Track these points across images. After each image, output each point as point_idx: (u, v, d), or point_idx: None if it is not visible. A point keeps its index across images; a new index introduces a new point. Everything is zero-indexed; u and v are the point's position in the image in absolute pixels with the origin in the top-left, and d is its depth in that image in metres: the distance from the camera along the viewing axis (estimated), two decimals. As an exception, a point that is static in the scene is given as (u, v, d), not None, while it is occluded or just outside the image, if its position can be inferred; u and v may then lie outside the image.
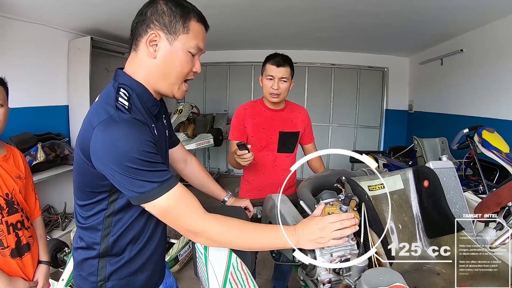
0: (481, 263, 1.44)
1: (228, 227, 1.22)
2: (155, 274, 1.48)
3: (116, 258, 1.33)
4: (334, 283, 1.41)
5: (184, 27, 1.26)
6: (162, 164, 1.17)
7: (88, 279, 1.35)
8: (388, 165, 4.69)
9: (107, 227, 1.29)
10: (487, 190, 3.10)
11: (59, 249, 3.36)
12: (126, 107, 1.17)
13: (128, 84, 1.27)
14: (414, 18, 4.46)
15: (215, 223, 1.21)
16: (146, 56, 1.25)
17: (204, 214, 1.21)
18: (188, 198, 1.19)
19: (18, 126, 4.33)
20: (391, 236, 1.61)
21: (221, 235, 1.21)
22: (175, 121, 6.09)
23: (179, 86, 1.36)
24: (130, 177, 1.11)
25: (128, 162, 1.09)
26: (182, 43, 1.27)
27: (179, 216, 1.19)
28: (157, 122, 1.36)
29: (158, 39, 1.23)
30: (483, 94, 4.79)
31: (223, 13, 4.69)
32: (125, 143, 1.09)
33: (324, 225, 1.26)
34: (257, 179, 2.65)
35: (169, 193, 1.15)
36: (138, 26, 1.25)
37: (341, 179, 1.56)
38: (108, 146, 1.11)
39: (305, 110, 2.75)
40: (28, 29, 4.52)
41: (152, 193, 1.13)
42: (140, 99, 1.27)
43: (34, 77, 4.72)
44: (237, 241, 1.23)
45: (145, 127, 1.17)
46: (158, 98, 1.36)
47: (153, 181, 1.12)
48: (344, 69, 7.69)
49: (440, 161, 1.85)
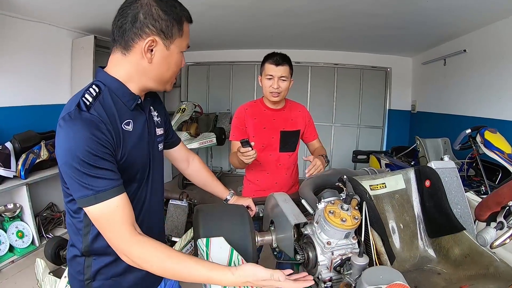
0: (482, 263, 1.44)
1: (151, 254, 1.16)
2: (147, 276, 1.43)
3: (100, 258, 1.32)
4: (335, 282, 1.41)
5: (179, 31, 1.26)
6: (107, 171, 1.14)
7: (77, 277, 1.35)
8: (391, 165, 4.68)
9: (86, 226, 1.28)
10: (489, 190, 3.10)
11: (62, 247, 3.39)
12: (87, 103, 1.15)
13: (103, 80, 1.26)
14: (417, 18, 4.46)
15: (137, 246, 1.15)
16: (139, 60, 1.23)
17: (131, 235, 1.16)
18: (121, 215, 1.16)
19: (22, 124, 4.38)
20: (392, 235, 1.61)
21: (140, 260, 1.16)
22: (178, 120, 6.11)
23: (172, 82, 1.38)
24: (72, 177, 1.11)
25: (72, 160, 1.09)
26: (177, 46, 1.28)
27: (106, 229, 1.16)
28: (138, 116, 1.33)
29: (155, 44, 1.22)
30: (486, 95, 4.80)
31: (226, 13, 4.72)
32: (72, 142, 1.09)
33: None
34: (261, 179, 2.65)
35: (101, 204, 1.12)
36: (128, 29, 1.20)
37: (343, 178, 1.56)
38: (60, 141, 1.12)
39: (304, 108, 2.75)
40: (32, 28, 4.56)
41: (86, 199, 1.12)
42: (115, 94, 1.25)
43: (38, 76, 4.78)
44: (159, 271, 1.18)
45: (101, 128, 1.14)
46: (141, 93, 1.35)
47: (90, 187, 1.11)
48: (347, 69, 7.69)
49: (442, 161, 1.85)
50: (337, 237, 1.38)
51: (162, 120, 1.58)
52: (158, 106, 1.57)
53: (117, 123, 1.22)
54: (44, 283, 2.79)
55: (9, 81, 4.41)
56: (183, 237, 3.57)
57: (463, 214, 1.77)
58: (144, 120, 1.37)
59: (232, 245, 1.39)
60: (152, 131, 1.45)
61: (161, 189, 1.58)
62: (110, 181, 1.14)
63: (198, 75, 8.41)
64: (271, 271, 1.15)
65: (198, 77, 8.41)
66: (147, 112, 1.42)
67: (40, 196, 4.69)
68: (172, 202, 4.05)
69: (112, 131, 1.18)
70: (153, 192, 1.46)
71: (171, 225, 3.99)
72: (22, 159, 4.02)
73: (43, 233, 4.36)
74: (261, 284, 1.15)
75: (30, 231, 4.14)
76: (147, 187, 1.42)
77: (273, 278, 1.14)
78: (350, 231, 1.37)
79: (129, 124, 1.27)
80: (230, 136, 2.64)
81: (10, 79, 4.41)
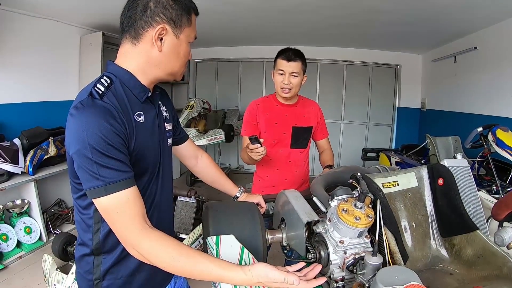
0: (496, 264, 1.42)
1: (161, 251, 1.13)
2: (156, 275, 1.44)
3: (110, 256, 1.31)
4: (347, 281, 1.39)
5: (188, 20, 1.27)
6: (119, 162, 1.12)
7: (85, 277, 1.34)
8: (401, 163, 4.65)
9: (97, 222, 1.26)
10: (500, 190, 3.08)
11: (69, 243, 3.40)
12: (100, 92, 1.15)
13: (114, 72, 1.26)
14: (427, 15, 4.42)
15: (147, 240, 1.13)
16: (149, 49, 1.24)
17: (142, 228, 1.13)
18: (131, 207, 1.13)
19: (30, 121, 4.41)
20: (404, 234, 1.59)
21: (150, 255, 1.13)
22: (186, 116, 6.11)
23: (181, 72, 1.37)
24: (83, 167, 1.09)
25: (85, 149, 1.07)
26: (186, 36, 1.28)
27: (116, 222, 1.14)
28: (148, 110, 1.33)
29: (165, 32, 1.22)
30: (497, 92, 4.74)
31: (236, 9, 4.71)
32: (85, 129, 1.07)
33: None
34: (270, 175, 2.64)
35: (111, 196, 1.10)
36: (138, 18, 1.21)
37: (356, 175, 1.55)
38: (72, 130, 1.10)
39: (317, 105, 2.74)
40: (40, 25, 4.59)
41: (96, 191, 1.10)
42: (125, 85, 1.25)
43: (46, 72, 4.82)
44: (169, 266, 1.14)
45: (114, 116, 1.13)
46: (150, 85, 1.34)
47: (100, 178, 1.09)
48: (357, 66, 7.65)
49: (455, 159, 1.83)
50: (350, 235, 1.36)
51: (171, 116, 1.58)
52: (166, 101, 1.57)
53: (129, 113, 1.21)
54: (51, 279, 2.81)
55: (17, 77, 4.44)
56: (190, 234, 3.57)
57: (475, 213, 1.75)
58: (154, 114, 1.37)
59: (242, 243, 1.37)
60: (162, 125, 1.45)
61: (170, 185, 1.57)
62: (121, 173, 1.12)
63: (207, 72, 8.41)
64: (285, 274, 1.10)
65: (207, 73, 8.41)
66: (157, 106, 1.42)
67: (48, 192, 4.73)
68: (180, 199, 4.06)
69: (125, 120, 1.17)
70: (163, 187, 1.45)
71: (179, 222, 3.99)
72: (30, 155, 4.04)
73: (51, 229, 4.40)
74: (274, 286, 1.12)
75: (37, 227, 4.16)
76: (158, 182, 1.41)
77: (287, 282, 1.09)
78: (363, 229, 1.35)
79: (140, 116, 1.27)
80: (242, 132, 2.63)
81: (18, 75, 4.44)
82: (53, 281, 2.78)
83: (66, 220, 4.69)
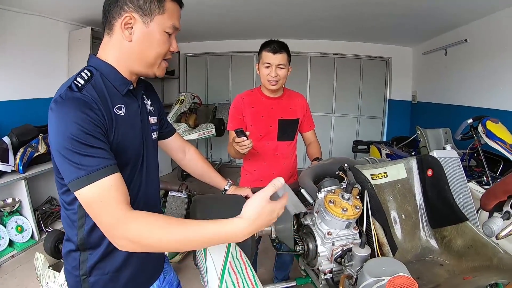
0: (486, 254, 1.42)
1: (151, 225, 1.07)
2: (144, 270, 1.43)
3: (95, 251, 1.28)
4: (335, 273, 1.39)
5: (159, 8, 1.23)
6: (100, 150, 1.09)
7: (73, 273, 1.32)
8: (391, 155, 4.66)
9: (81, 217, 1.24)
10: (490, 181, 3.09)
11: (61, 241, 3.36)
12: (79, 85, 1.14)
13: (95, 65, 1.25)
14: (418, 8, 4.42)
15: (134, 222, 1.07)
16: (121, 39, 1.22)
17: (127, 212, 1.08)
18: (114, 194, 1.09)
19: (19, 118, 4.36)
20: (394, 226, 1.59)
21: (141, 235, 1.06)
22: (176, 111, 6.09)
23: (158, 66, 1.32)
24: (64, 159, 1.07)
25: (64, 141, 1.05)
26: (158, 24, 1.24)
27: (99, 213, 1.09)
28: (130, 103, 1.31)
29: (133, 21, 1.20)
30: (487, 85, 4.76)
31: (226, 3, 4.67)
32: (64, 122, 1.06)
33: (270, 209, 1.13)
34: (258, 169, 2.62)
35: (94, 185, 1.06)
36: (110, 9, 1.21)
37: (343, 166, 1.53)
38: (52, 124, 1.08)
39: (303, 97, 2.73)
40: (28, 20, 4.53)
41: (79, 181, 1.06)
42: (106, 78, 1.24)
43: (34, 69, 4.76)
44: (163, 242, 1.08)
45: (93, 107, 1.11)
46: (132, 78, 1.32)
47: (83, 167, 1.05)
48: (347, 59, 7.63)
49: (444, 150, 1.82)
50: (338, 227, 1.35)
51: (156, 109, 1.55)
52: (150, 94, 1.54)
53: (109, 106, 1.19)
54: (44, 277, 2.79)
55: (6, 75, 4.38)
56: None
57: (465, 204, 1.75)
58: (136, 107, 1.35)
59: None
60: (145, 119, 1.42)
61: (156, 179, 1.54)
62: (103, 160, 1.09)
63: (197, 66, 8.35)
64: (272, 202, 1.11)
65: (197, 68, 8.36)
66: (140, 100, 1.39)
67: (39, 190, 4.67)
68: (171, 194, 4.04)
69: (104, 112, 1.15)
70: (148, 181, 1.43)
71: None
72: (20, 153, 3.98)
73: (43, 227, 4.34)
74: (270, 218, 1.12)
75: (29, 225, 4.11)
76: (142, 176, 1.38)
77: (274, 184, 1.12)
78: (351, 221, 1.34)
79: (121, 108, 1.24)
80: (228, 126, 2.61)
81: (6, 73, 4.38)
82: (45, 279, 2.77)
83: (57, 218, 4.63)
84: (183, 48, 7.17)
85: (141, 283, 1.46)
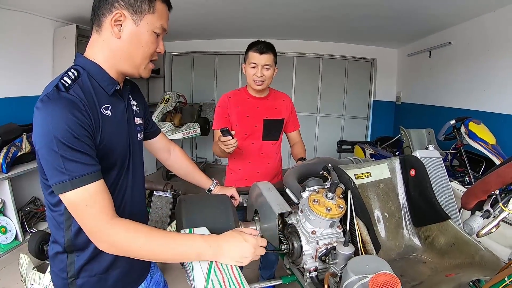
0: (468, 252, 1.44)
1: (134, 234, 1.14)
2: (132, 271, 1.42)
3: (84, 253, 1.27)
4: (320, 271, 1.40)
5: (149, 7, 1.22)
6: (85, 156, 1.10)
7: (60, 275, 1.30)
8: (375, 155, 4.70)
9: (67, 219, 1.23)
10: (473, 181, 3.13)
11: (46, 241, 3.32)
12: (66, 85, 1.12)
13: (82, 64, 1.23)
14: (403, 10, 4.46)
15: (118, 229, 1.13)
16: (109, 36, 1.21)
17: (112, 218, 1.13)
18: (99, 200, 1.12)
19: (2, 117, 4.29)
20: (377, 224, 1.60)
21: (124, 242, 1.13)
22: (161, 110, 6.04)
23: (145, 66, 1.32)
24: (48, 161, 1.07)
25: (50, 142, 1.04)
26: (148, 23, 1.23)
27: (84, 216, 1.12)
28: (116, 103, 1.30)
29: (123, 19, 1.19)
30: (470, 87, 4.84)
31: (212, 2, 4.66)
32: (51, 123, 1.05)
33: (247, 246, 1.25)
34: (243, 168, 2.63)
35: (78, 190, 1.08)
36: (100, 5, 1.19)
37: (327, 166, 1.55)
38: (37, 124, 1.07)
39: (288, 97, 2.74)
40: (12, 17, 4.45)
41: (62, 185, 1.07)
42: (93, 78, 1.22)
43: (18, 67, 4.67)
44: (143, 250, 1.15)
45: (80, 109, 1.10)
46: (119, 78, 1.31)
47: (66, 172, 1.06)
48: (332, 59, 7.68)
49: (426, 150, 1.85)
50: (322, 226, 1.37)
51: (141, 110, 1.54)
52: (136, 95, 1.53)
53: (96, 106, 1.18)
54: (29, 279, 2.76)
55: (-12, 72, 4.29)
56: (167, 229, 3.54)
57: (448, 203, 1.78)
58: (122, 108, 1.34)
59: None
60: (131, 119, 1.41)
61: (142, 180, 1.54)
62: (87, 166, 1.09)
63: (182, 65, 8.33)
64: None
65: (182, 67, 8.33)
66: (126, 100, 1.38)
67: (23, 190, 4.59)
68: (156, 194, 4.02)
69: (91, 113, 1.14)
70: (135, 182, 1.42)
71: (156, 217, 3.95)
72: (3, 152, 3.92)
73: (27, 228, 4.27)
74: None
75: (13, 226, 4.04)
76: (128, 177, 1.37)
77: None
78: (335, 220, 1.35)
79: (107, 109, 1.23)
80: (213, 125, 2.62)
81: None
82: (30, 281, 2.74)
83: (41, 219, 4.57)
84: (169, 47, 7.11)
85: (129, 283, 1.46)
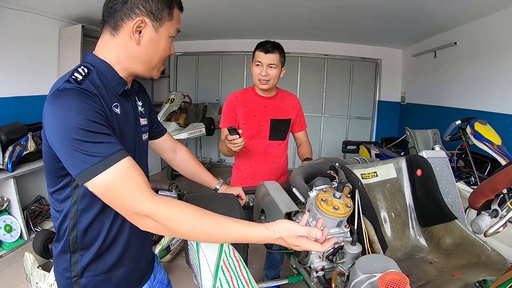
0: (474, 252, 1.44)
1: (182, 213, 1.10)
2: (136, 270, 1.42)
3: (87, 253, 1.27)
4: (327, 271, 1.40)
5: (169, 15, 1.23)
6: (109, 136, 1.08)
7: (64, 274, 1.30)
8: (380, 155, 4.69)
9: (73, 217, 1.22)
10: (478, 181, 3.12)
11: (50, 240, 3.33)
12: (78, 79, 1.12)
13: (92, 62, 1.22)
14: (408, 10, 4.45)
15: (163, 206, 1.09)
16: (127, 41, 1.21)
17: (153, 195, 1.09)
18: (135, 176, 1.09)
19: (8, 116, 4.30)
20: (384, 224, 1.61)
21: (171, 220, 1.09)
22: (166, 110, 6.07)
23: (158, 68, 1.33)
24: (72, 151, 1.03)
25: (70, 132, 1.02)
26: (166, 30, 1.24)
27: (123, 195, 1.07)
28: (125, 102, 1.30)
29: (144, 25, 1.19)
30: (475, 87, 4.82)
31: (216, 2, 4.67)
32: (67, 113, 1.04)
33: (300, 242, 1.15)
34: (249, 167, 2.63)
35: (112, 168, 1.04)
36: (117, 9, 1.18)
37: (335, 166, 1.55)
38: (52, 118, 1.06)
39: (296, 98, 2.74)
40: (18, 17, 4.46)
41: (94, 168, 1.03)
42: (103, 76, 1.22)
43: (24, 66, 4.68)
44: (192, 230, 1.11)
45: (94, 98, 1.10)
46: (128, 78, 1.31)
47: (95, 154, 1.03)
48: (337, 60, 7.66)
49: (433, 150, 1.85)
50: (329, 225, 1.37)
51: (147, 111, 1.54)
52: (142, 95, 1.53)
53: (107, 102, 1.18)
54: (33, 277, 2.77)
55: (-6, 72, 4.31)
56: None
57: (454, 203, 1.77)
58: (130, 108, 1.34)
59: (222, 234, 1.36)
60: (137, 120, 1.41)
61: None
62: (114, 145, 1.08)
63: (187, 65, 8.33)
64: (308, 228, 1.10)
65: (187, 67, 8.34)
66: (133, 101, 1.39)
67: (28, 189, 4.61)
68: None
69: (105, 106, 1.14)
70: None
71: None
72: (9, 151, 3.93)
73: (32, 226, 4.28)
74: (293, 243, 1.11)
75: (18, 225, 4.05)
76: None
77: (310, 235, 1.09)
78: (342, 219, 1.36)
79: (117, 107, 1.23)
80: (221, 123, 2.62)
81: (-5, 70, 4.32)
82: (35, 280, 2.75)
83: (46, 217, 4.57)
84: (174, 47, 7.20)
85: (133, 283, 1.45)
